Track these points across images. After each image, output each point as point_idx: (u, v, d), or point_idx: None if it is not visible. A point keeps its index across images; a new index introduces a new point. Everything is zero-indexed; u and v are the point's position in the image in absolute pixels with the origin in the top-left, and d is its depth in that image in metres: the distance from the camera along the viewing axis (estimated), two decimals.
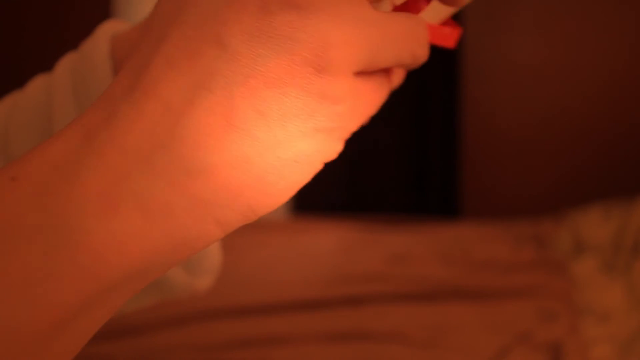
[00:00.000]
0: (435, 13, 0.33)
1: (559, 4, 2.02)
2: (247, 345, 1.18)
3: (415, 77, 2.03)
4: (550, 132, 2.07)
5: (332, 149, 0.26)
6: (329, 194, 2.10)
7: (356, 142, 2.08)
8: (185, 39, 0.24)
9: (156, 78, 0.24)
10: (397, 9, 0.31)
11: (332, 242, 1.67)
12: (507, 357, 1.12)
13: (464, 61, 2.05)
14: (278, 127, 0.24)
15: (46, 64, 0.50)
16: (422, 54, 0.29)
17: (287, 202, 2.17)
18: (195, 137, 0.23)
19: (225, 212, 0.24)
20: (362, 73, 0.27)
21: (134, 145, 0.23)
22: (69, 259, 0.22)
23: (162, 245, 0.23)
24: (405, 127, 2.06)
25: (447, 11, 0.33)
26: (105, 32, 0.38)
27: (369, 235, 1.71)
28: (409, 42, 0.28)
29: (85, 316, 0.23)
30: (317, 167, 0.26)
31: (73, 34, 1.16)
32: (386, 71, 0.30)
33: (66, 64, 0.38)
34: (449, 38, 0.34)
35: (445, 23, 0.34)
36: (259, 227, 1.81)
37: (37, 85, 0.39)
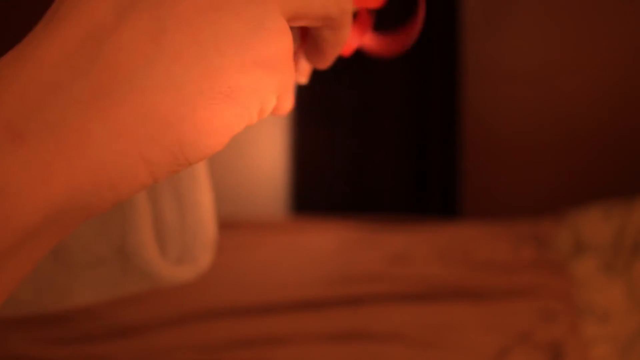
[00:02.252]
0: None
1: (559, 7, 2.02)
2: (247, 345, 1.18)
3: (416, 77, 2.03)
4: (550, 132, 2.07)
5: (269, 94, 0.24)
6: (329, 194, 2.10)
7: (356, 142, 2.08)
8: None
9: (76, 3, 0.22)
10: None
11: (332, 242, 1.67)
12: (507, 357, 1.12)
13: (464, 62, 2.05)
14: (214, 53, 0.22)
15: None
16: (349, 13, 0.28)
17: (287, 202, 2.17)
18: (119, 60, 0.21)
19: (153, 148, 0.22)
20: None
21: (49, 74, 0.21)
22: None
23: (82, 181, 0.21)
24: (406, 127, 2.06)
25: None
26: None
27: (369, 235, 1.70)
28: None
29: (4, 266, 0.20)
30: (252, 112, 0.24)
31: None
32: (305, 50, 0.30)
33: None
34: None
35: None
36: (259, 227, 1.81)
37: None
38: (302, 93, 2.06)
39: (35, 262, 0.22)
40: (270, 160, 2.21)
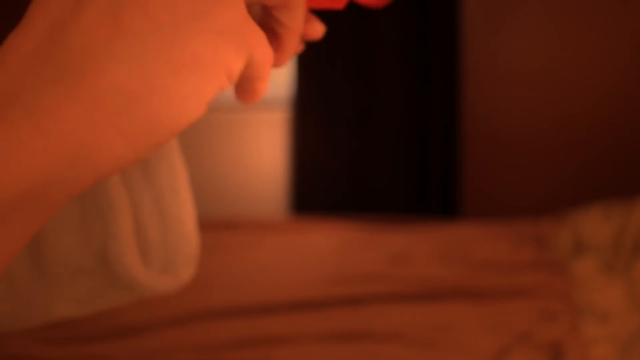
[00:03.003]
0: None
1: (559, 7, 2.02)
2: (247, 345, 1.18)
3: (416, 77, 2.03)
4: (550, 132, 2.07)
5: (232, 59, 0.26)
6: (329, 194, 2.10)
7: (356, 142, 2.08)
8: None
9: (40, 0, 0.24)
10: None
11: (332, 242, 1.67)
12: (507, 357, 1.12)
13: (464, 62, 2.05)
14: (168, 27, 0.24)
15: None
16: None
17: (287, 202, 2.17)
18: (81, 42, 0.23)
19: (126, 120, 0.23)
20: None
21: (22, 64, 0.23)
22: None
23: (59, 155, 0.23)
24: (406, 127, 2.06)
25: None
26: None
27: (369, 235, 1.70)
28: None
29: None
30: (219, 77, 0.26)
31: None
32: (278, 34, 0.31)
33: None
34: None
35: None
36: (259, 227, 1.81)
37: None
38: (303, 93, 2.06)
39: (22, 240, 0.23)
40: (270, 160, 2.21)
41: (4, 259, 0.23)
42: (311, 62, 2.03)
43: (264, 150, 2.21)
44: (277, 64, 0.32)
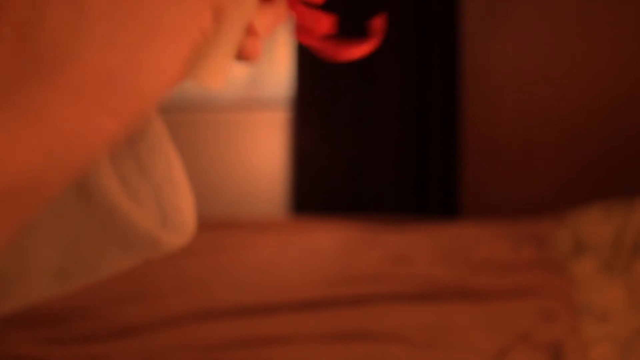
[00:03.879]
0: None
1: (558, 10, 2.02)
2: (247, 345, 1.18)
3: (416, 77, 2.03)
4: (550, 133, 2.07)
5: (199, 16, 0.26)
6: (329, 194, 2.10)
7: (356, 143, 2.08)
8: None
9: (3, 3, 0.25)
10: None
11: (332, 242, 1.67)
12: (507, 357, 1.12)
13: (464, 61, 2.05)
14: (129, 4, 0.24)
15: None
16: None
17: (287, 202, 2.17)
18: (51, 34, 0.24)
19: (110, 98, 0.24)
20: None
21: (2, 67, 0.24)
22: None
23: (51, 142, 0.23)
24: (406, 128, 2.06)
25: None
26: None
27: (369, 235, 1.70)
28: None
29: None
30: (192, 34, 0.26)
31: None
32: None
33: None
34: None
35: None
36: (259, 227, 1.81)
37: None
38: (303, 93, 2.06)
39: (18, 226, 0.24)
40: (270, 160, 2.21)
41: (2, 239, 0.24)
42: (311, 62, 2.03)
43: (264, 150, 2.21)
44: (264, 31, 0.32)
